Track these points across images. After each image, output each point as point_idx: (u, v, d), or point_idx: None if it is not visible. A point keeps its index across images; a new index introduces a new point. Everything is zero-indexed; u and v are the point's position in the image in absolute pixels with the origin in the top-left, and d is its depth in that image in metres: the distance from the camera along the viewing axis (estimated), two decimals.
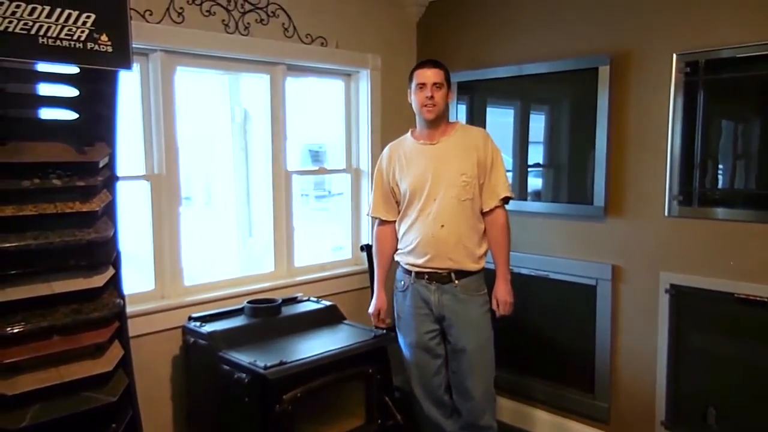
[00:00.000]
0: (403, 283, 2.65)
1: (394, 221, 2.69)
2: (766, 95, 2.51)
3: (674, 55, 2.62)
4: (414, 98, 2.55)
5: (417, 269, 2.57)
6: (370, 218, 3.40)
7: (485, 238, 2.59)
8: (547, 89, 3.16)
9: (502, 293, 2.59)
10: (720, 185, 2.66)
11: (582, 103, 2.96)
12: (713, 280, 2.58)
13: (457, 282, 2.53)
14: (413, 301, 2.61)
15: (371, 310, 2.75)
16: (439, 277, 2.54)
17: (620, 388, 2.95)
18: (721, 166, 2.66)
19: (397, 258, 2.68)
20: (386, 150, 2.72)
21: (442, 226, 2.49)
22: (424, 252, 2.53)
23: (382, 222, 2.72)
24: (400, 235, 2.65)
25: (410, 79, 2.58)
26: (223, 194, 3.48)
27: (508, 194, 2.57)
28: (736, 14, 2.48)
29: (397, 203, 2.66)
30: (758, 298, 2.45)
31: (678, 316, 2.71)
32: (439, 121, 2.55)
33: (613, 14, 2.84)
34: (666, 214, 2.71)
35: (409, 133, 2.68)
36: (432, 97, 2.48)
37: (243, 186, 3.33)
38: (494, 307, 2.61)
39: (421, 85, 2.51)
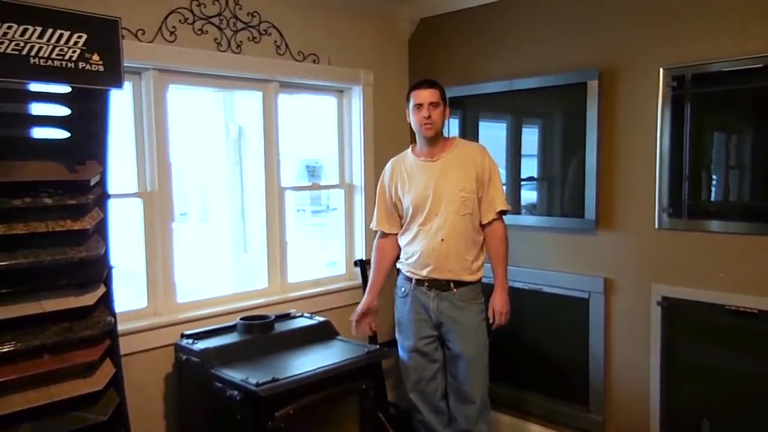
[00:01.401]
0: (403, 289, 2.71)
1: (396, 234, 2.75)
2: (752, 108, 2.55)
3: (661, 69, 2.65)
4: (412, 117, 2.64)
5: (418, 277, 2.64)
6: (364, 234, 3.44)
7: (482, 250, 2.67)
8: (538, 103, 3.19)
9: (500, 303, 2.64)
10: (709, 197, 2.68)
11: (572, 117, 2.99)
12: (704, 291, 2.59)
13: (455, 290, 2.59)
14: (413, 306, 2.67)
15: (358, 308, 2.76)
16: (438, 285, 2.61)
17: (614, 401, 2.94)
18: (710, 179, 2.68)
19: (398, 266, 2.76)
20: (388, 165, 2.79)
21: (443, 239, 2.57)
22: (425, 263, 2.60)
23: (384, 233, 2.78)
24: (402, 246, 2.73)
25: (407, 99, 2.67)
26: (219, 210, 3.49)
27: (506, 207, 2.65)
28: (722, 29, 2.51)
29: (400, 217, 2.74)
30: (748, 310, 2.46)
31: (670, 328, 2.72)
32: (437, 138, 2.64)
33: (601, 29, 2.87)
34: (656, 226, 2.73)
35: (409, 150, 2.75)
36: (429, 117, 2.57)
37: (238, 202, 3.34)
38: (491, 316, 2.66)
39: (419, 106, 2.59)
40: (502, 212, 2.65)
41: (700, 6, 2.57)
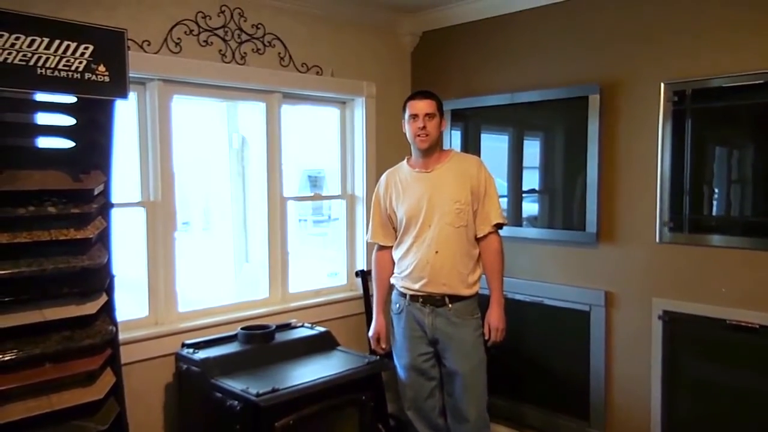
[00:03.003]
0: (398, 306, 2.68)
1: (392, 246, 2.73)
2: (753, 124, 2.56)
3: (662, 84, 2.66)
4: (408, 128, 2.62)
5: (412, 293, 2.60)
6: (365, 244, 3.44)
7: (479, 263, 2.63)
8: (540, 117, 3.20)
9: (495, 319, 2.60)
10: (710, 212, 2.69)
11: (573, 130, 3.01)
12: (705, 306, 2.59)
13: (450, 306, 2.55)
14: (408, 323, 2.63)
15: (371, 333, 2.77)
16: (433, 301, 2.57)
17: (615, 415, 2.93)
18: (711, 193, 2.68)
19: (392, 281, 2.71)
20: (383, 177, 2.77)
21: (437, 252, 2.53)
22: (419, 277, 2.56)
23: (381, 247, 2.76)
24: (396, 260, 2.69)
25: (404, 109, 2.65)
26: (221, 220, 3.50)
27: (501, 221, 2.61)
28: (722, 45, 2.53)
29: (395, 229, 2.71)
30: (749, 325, 2.46)
31: (671, 343, 2.71)
32: (432, 150, 2.61)
33: (602, 44, 2.90)
34: (657, 240, 2.73)
35: (405, 161, 2.73)
36: (424, 128, 2.55)
37: (240, 211, 3.35)
38: (486, 332, 2.61)
39: (414, 116, 2.57)
40: (499, 225, 2.61)
41: (700, 22, 2.59)
